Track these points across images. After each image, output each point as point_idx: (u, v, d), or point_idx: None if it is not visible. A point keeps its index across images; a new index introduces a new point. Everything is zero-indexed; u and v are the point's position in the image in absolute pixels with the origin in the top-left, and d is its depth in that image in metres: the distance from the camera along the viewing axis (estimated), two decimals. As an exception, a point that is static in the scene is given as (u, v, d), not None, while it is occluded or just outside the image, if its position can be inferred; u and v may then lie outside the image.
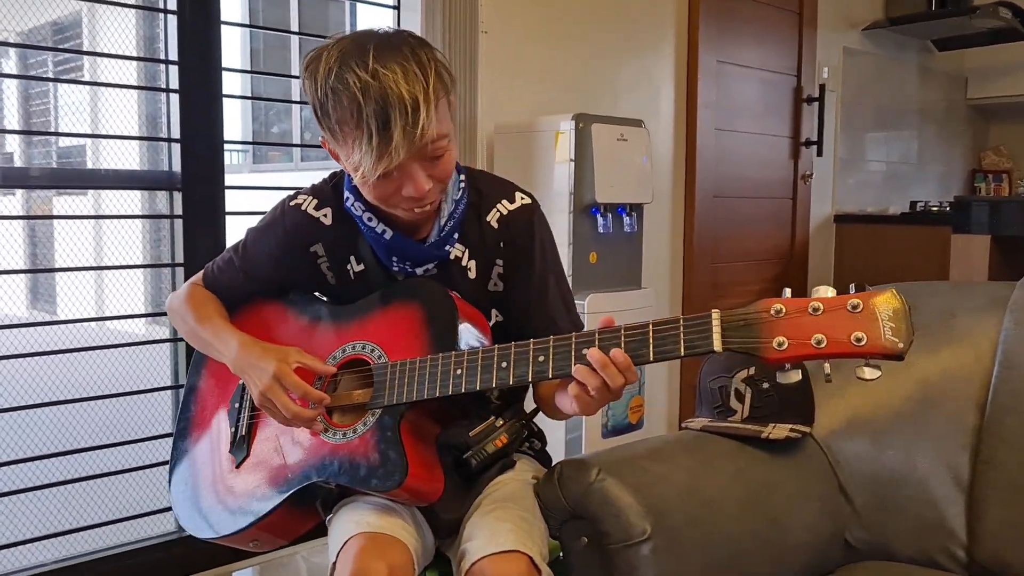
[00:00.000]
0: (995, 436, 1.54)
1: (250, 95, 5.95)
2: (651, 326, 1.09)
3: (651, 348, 1.08)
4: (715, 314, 1.04)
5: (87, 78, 4.57)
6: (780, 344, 0.99)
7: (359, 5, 4.85)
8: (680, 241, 3.55)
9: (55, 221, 4.31)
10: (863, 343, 0.96)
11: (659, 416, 3.40)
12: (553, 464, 1.43)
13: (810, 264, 4.18)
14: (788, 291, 1.04)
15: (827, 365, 1.00)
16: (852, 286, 1.00)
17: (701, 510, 1.39)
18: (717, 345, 1.03)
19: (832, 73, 4.21)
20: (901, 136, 4.88)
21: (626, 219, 2.71)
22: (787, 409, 1.57)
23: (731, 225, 3.75)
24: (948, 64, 5.05)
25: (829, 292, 1.00)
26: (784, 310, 1.00)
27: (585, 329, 1.18)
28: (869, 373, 0.98)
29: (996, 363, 1.59)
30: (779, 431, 1.54)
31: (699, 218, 3.56)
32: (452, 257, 1.36)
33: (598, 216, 2.62)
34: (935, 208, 4.24)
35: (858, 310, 0.97)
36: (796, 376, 1.01)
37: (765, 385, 1.55)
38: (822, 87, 4.08)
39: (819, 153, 4.11)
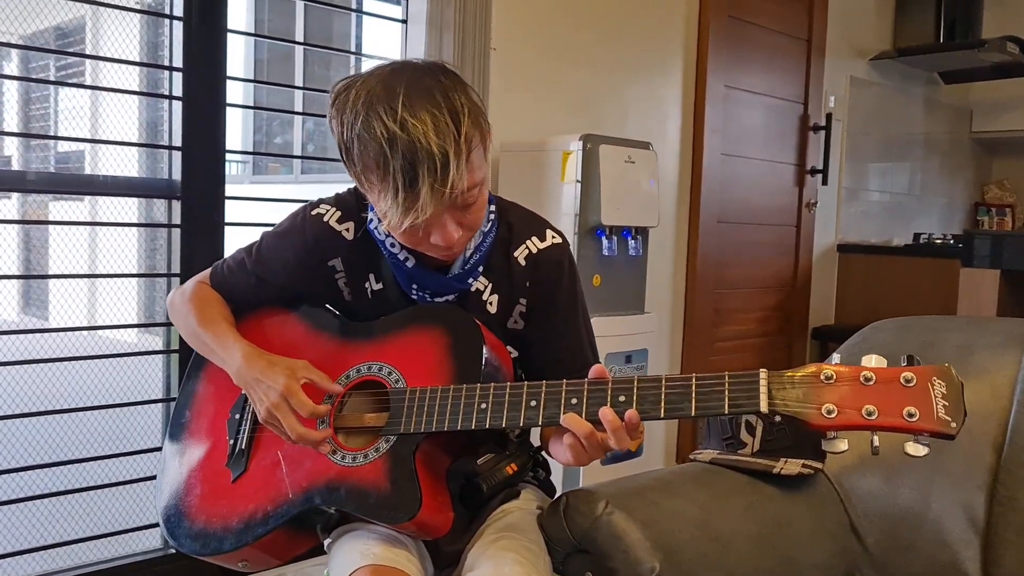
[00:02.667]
0: (1013, 476, 1.50)
1: (252, 105, 5.93)
2: (694, 379, 1.04)
3: (693, 402, 1.03)
4: (763, 373, 1.00)
5: (88, 83, 4.53)
6: (829, 411, 0.96)
7: (365, 18, 4.84)
8: (683, 266, 3.51)
9: (50, 226, 4.26)
10: (915, 419, 0.93)
11: (658, 443, 3.35)
12: (558, 494, 1.38)
13: (812, 293, 4.15)
14: (837, 356, 1.01)
15: (875, 437, 0.97)
16: (904, 358, 0.97)
17: (712, 547, 1.34)
18: (763, 405, 0.98)
19: (838, 102, 4.19)
20: (904, 167, 4.86)
21: (631, 242, 2.67)
22: (799, 444, 1.52)
23: (734, 251, 3.72)
24: (954, 97, 5.05)
25: (880, 362, 0.97)
26: (835, 376, 0.97)
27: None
28: (918, 450, 0.95)
29: (1014, 402, 1.55)
30: (791, 467, 1.49)
31: (703, 243, 3.53)
32: (473, 289, 1.31)
33: (603, 238, 2.58)
34: (939, 240, 4.22)
35: (911, 384, 0.95)
36: (843, 446, 0.97)
37: (777, 419, 1.51)
38: (828, 116, 4.06)
39: (824, 182, 4.09)
